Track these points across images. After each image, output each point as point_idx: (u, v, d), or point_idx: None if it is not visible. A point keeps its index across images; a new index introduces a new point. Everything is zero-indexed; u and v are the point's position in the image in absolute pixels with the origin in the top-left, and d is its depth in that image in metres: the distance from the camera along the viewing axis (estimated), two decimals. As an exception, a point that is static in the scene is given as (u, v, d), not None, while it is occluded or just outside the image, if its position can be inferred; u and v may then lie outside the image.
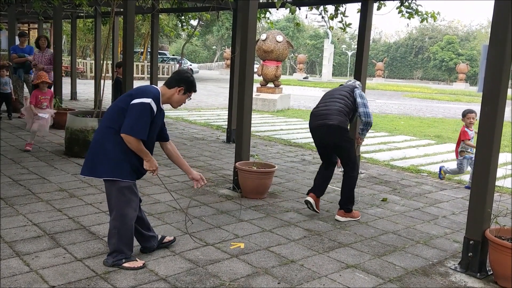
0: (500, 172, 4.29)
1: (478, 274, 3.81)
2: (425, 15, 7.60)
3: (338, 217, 5.01)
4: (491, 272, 3.81)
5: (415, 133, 12.24)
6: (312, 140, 5.40)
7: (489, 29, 3.69)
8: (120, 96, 3.65)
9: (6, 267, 3.46)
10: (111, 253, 3.60)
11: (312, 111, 5.17)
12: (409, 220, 5.17)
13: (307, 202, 5.09)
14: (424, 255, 4.21)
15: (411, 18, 7.58)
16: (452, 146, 10.44)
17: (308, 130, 5.33)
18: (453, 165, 7.15)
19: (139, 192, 3.74)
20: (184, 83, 3.64)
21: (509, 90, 3.98)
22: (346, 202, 5.02)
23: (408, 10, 7.54)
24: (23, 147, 7.52)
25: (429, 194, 6.34)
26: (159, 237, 3.98)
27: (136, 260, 3.63)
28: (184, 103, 3.79)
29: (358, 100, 5.00)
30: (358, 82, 5.41)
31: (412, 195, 6.25)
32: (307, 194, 5.18)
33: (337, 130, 4.86)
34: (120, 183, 3.48)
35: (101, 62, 8.84)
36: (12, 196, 5.10)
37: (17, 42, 11.22)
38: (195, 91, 3.76)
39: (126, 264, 3.56)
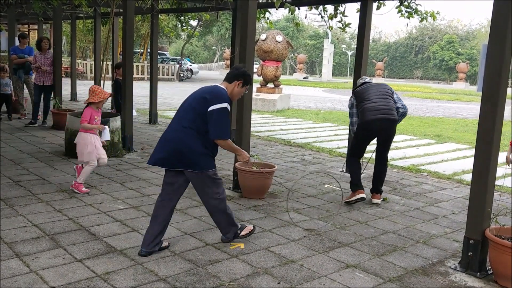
0: (500, 171, 4.29)
1: (478, 273, 3.80)
2: (424, 15, 7.59)
3: (377, 200, 5.69)
4: (491, 272, 3.80)
5: (415, 132, 12.24)
6: (312, 140, 5.49)
7: (489, 29, 3.69)
8: (193, 96, 3.92)
9: (6, 268, 3.46)
10: (227, 231, 4.13)
11: (368, 105, 5.50)
12: (409, 220, 5.17)
13: (362, 198, 5.54)
14: (424, 254, 4.21)
15: (411, 18, 7.58)
16: (452, 146, 10.44)
17: (305, 129, 5.51)
18: None
19: (141, 191, 3.72)
20: (242, 76, 4.01)
21: (508, 89, 3.98)
22: (381, 186, 5.77)
23: (408, 10, 7.54)
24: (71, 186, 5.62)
25: (429, 194, 6.33)
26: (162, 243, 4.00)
27: (247, 226, 4.27)
28: (242, 95, 4.18)
29: (395, 96, 5.74)
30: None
31: (412, 194, 6.25)
32: (356, 191, 5.58)
33: (395, 124, 5.57)
34: (209, 172, 3.92)
35: (101, 62, 8.84)
36: (12, 197, 5.11)
37: (17, 43, 11.22)
38: (251, 83, 4.18)
39: (243, 233, 4.21)
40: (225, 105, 3.80)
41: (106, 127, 5.84)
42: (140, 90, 19.13)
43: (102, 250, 3.88)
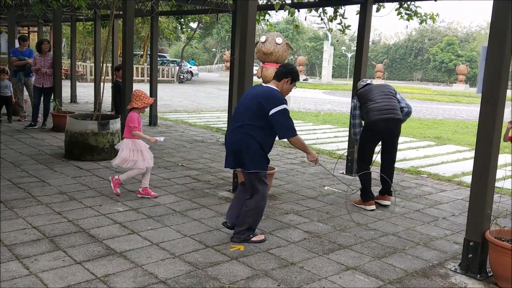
0: (500, 173, 4.29)
1: (478, 275, 3.80)
2: (424, 17, 7.60)
3: (387, 202, 5.64)
4: (491, 274, 3.80)
5: (415, 134, 12.24)
6: (312, 142, 5.52)
7: (489, 30, 3.69)
8: (249, 98, 4.16)
9: (5, 270, 3.46)
10: (242, 231, 4.21)
11: (372, 106, 5.49)
12: (409, 222, 5.17)
13: (372, 210, 5.53)
14: (424, 256, 4.20)
15: (410, 20, 7.58)
16: (452, 148, 10.44)
17: (305, 131, 5.50)
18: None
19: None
20: (290, 74, 4.24)
21: (508, 90, 3.98)
22: (391, 187, 5.66)
23: (407, 12, 7.55)
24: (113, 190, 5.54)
25: (429, 196, 6.33)
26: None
27: (259, 234, 4.32)
28: (290, 91, 4.36)
29: (398, 96, 5.72)
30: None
31: (412, 196, 6.25)
32: (367, 202, 5.56)
33: (400, 124, 5.59)
34: (262, 173, 4.18)
35: (101, 65, 8.85)
36: (11, 199, 5.10)
37: (17, 45, 11.23)
38: (299, 80, 4.37)
39: (254, 238, 4.25)
40: (284, 106, 4.07)
41: (162, 138, 5.59)
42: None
43: (102, 252, 3.88)
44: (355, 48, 7.42)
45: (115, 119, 7.49)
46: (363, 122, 5.69)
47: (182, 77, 34.17)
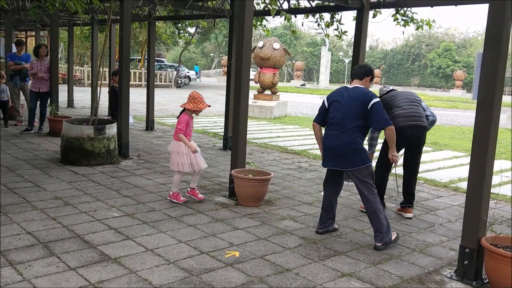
0: (495, 179, 4.28)
1: (474, 282, 3.79)
2: (420, 23, 7.62)
3: (409, 215, 5.53)
4: (487, 281, 3.79)
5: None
6: (309, 147, 5.50)
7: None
8: (348, 101, 4.44)
9: (-2, 276, 3.43)
10: (382, 235, 4.40)
11: (398, 112, 5.42)
12: (405, 228, 5.16)
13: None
14: (420, 263, 4.19)
15: (407, 26, 7.60)
16: (449, 153, 10.44)
17: (302, 136, 5.50)
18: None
19: (136, 199, 3.70)
20: (370, 72, 4.66)
21: (504, 96, 3.99)
22: (413, 199, 5.63)
23: (404, 18, 7.56)
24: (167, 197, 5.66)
25: (425, 202, 6.32)
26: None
27: (393, 232, 4.54)
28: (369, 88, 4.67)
29: (423, 104, 5.67)
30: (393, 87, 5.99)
31: (409, 202, 6.23)
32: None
33: (425, 132, 5.53)
34: (370, 165, 4.50)
35: (98, 69, 8.84)
36: (6, 205, 5.07)
37: (14, 49, 11.21)
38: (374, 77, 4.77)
39: (393, 237, 4.52)
40: (378, 99, 4.42)
41: (200, 153, 5.55)
42: (137, 97, 19.14)
43: (96, 258, 3.86)
44: (352, 53, 7.43)
45: (111, 124, 7.48)
46: None
47: (179, 81, 34.18)
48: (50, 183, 6.07)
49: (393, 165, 5.36)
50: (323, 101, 4.68)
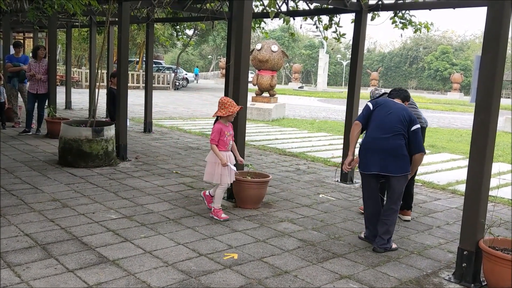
0: (493, 181, 4.30)
1: (472, 284, 3.80)
2: (418, 26, 7.64)
3: (408, 217, 5.54)
4: (485, 283, 3.80)
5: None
6: (307, 149, 5.53)
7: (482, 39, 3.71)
8: (394, 113, 4.53)
9: (-4, 278, 3.43)
10: (384, 241, 4.45)
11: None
12: (403, 230, 5.16)
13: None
14: (418, 265, 4.20)
15: (405, 29, 7.62)
16: (447, 156, 10.46)
17: (300, 139, 5.52)
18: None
19: (134, 201, 3.69)
20: (409, 98, 4.96)
21: (503, 99, 4.00)
22: (412, 201, 5.66)
23: (402, 21, 7.58)
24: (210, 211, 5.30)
25: (423, 204, 6.33)
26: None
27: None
28: None
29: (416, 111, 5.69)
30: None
31: (407, 205, 6.24)
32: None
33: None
34: (408, 174, 4.56)
35: (96, 71, 8.83)
36: (4, 206, 5.06)
37: (12, 51, 11.20)
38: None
39: (393, 247, 4.56)
40: (419, 125, 4.61)
41: (232, 167, 5.20)
42: (135, 99, 19.11)
43: (95, 260, 3.85)
44: (350, 56, 7.45)
45: (109, 126, 7.47)
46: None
47: (177, 83, 34.18)
48: (48, 185, 6.06)
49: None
50: (367, 105, 4.73)
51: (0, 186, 5.84)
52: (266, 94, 17.66)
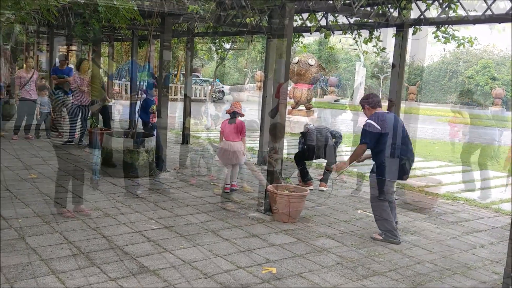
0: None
1: (520, 308, 3.66)
2: (462, 40, 7.49)
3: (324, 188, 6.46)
4: (534, 307, 3.65)
5: (450, 158, 11.96)
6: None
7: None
8: (400, 125, 5.24)
9: (42, 284, 3.52)
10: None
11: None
12: (445, 249, 5.03)
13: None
14: (462, 286, 4.07)
15: (447, 43, 7.48)
16: (490, 174, 10.14)
17: (338, 152, 5.73)
18: None
19: (173, 211, 3.72)
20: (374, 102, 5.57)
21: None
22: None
23: (444, 35, 7.44)
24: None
25: (466, 223, 6.15)
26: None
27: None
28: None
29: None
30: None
31: (448, 223, 6.08)
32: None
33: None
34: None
35: (137, 83, 9.04)
36: (49, 214, 5.22)
37: (57, 63, 11.60)
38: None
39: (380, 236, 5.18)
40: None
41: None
42: (173, 111, 19.40)
43: (135, 269, 3.91)
44: (388, 69, 7.38)
45: (150, 137, 7.61)
46: None
47: (214, 96, 34.56)
48: (91, 194, 6.21)
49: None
50: (375, 126, 5.14)
51: (0, 188, 6.03)
52: (302, 108, 17.62)
